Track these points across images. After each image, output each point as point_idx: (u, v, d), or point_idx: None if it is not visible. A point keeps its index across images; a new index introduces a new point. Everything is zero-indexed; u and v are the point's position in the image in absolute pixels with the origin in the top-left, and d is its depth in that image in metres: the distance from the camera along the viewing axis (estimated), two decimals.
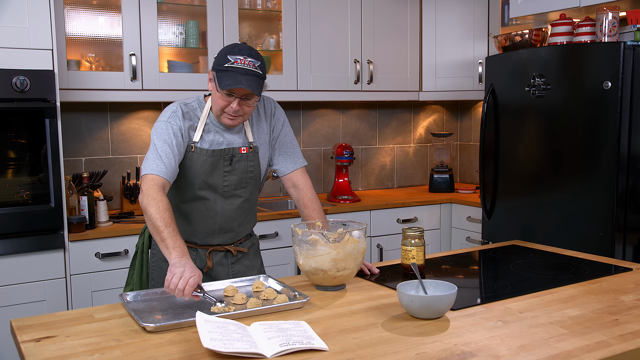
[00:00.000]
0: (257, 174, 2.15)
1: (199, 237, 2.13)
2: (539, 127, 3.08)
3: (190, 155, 2.03)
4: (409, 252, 2.01)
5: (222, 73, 1.94)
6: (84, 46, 3.24)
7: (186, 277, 1.67)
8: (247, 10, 3.57)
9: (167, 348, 1.39)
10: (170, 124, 2.00)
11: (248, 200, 2.15)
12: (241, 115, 2.00)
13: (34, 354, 1.37)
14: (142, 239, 2.23)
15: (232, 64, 1.93)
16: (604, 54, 2.74)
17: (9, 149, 2.66)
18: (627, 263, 2.19)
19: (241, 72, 1.92)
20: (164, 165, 1.93)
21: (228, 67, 1.93)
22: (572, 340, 1.43)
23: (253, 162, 2.11)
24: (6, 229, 2.64)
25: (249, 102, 1.98)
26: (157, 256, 2.17)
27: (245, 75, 1.92)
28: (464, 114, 4.60)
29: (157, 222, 1.82)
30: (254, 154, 2.11)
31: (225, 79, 1.92)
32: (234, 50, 1.96)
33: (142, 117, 3.54)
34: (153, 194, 1.87)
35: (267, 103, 2.20)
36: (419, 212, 3.80)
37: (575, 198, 2.89)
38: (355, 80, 3.80)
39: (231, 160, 2.06)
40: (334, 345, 1.40)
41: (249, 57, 1.94)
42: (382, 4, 3.88)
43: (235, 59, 1.93)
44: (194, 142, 2.03)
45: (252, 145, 2.11)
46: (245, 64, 1.93)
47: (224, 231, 2.13)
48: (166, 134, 1.99)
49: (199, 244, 2.14)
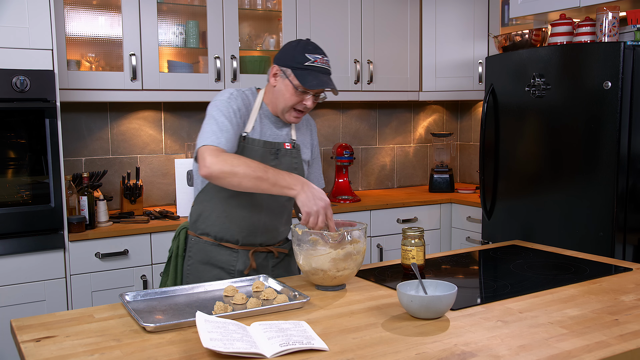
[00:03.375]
0: (301, 173, 2.14)
1: (241, 234, 2.07)
2: (539, 127, 3.08)
3: (241, 147, 2.01)
4: (409, 252, 2.01)
5: (303, 71, 1.95)
6: (84, 46, 3.24)
7: (322, 217, 1.80)
8: (247, 10, 3.57)
9: (167, 348, 1.39)
10: (230, 103, 1.98)
11: (290, 201, 2.14)
12: (306, 111, 2.04)
13: (34, 354, 1.37)
14: (177, 242, 2.16)
15: (312, 62, 1.96)
16: (604, 54, 2.74)
17: (9, 149, 2.66)
18: (627, 263, 2.19)
19: (322, 72, 1.97)
20: (224, 139, 1.90)
21: (309, 65, 1.95)
22: (572, 340, 1.43)
23: (297, 159, 2.12)
24: (6, 229, 2.64)
25: (317, 98, 2.03)
26: (193, 258, 2.11)
27: (327, 75, 1.97)
28: (464, 114, 4.60)
29: (258, 172, 1.80)
30: (297, 151, 2.12)
31: (310, 79, 1.95)
32: (309, 48, 1.99)
33: (142, 117, 3.54)
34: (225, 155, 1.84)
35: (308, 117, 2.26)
36: (419, 212, 3.80)
37: (575, 198, 2.89)
38: (355, 80, 3.80)
39: (277, 154, 2.06)
40: (334, 345, 1.40)
41: (325, 56, 2.00)
42: (382, 4, 3.88)
43: (315, 57, 1.97)
44: (246, 133, 2.02)
45: (295, 143, 2.12)
46: (324, 62, 1.98)
47: (267, 230, 2.11)
48: (227, 110, 1.96)
49: (241, 243, 2.08)
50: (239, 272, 2.09)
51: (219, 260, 2.09)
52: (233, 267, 2.09)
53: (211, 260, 2.09)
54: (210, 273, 2.07)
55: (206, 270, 2.08)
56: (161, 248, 3.01)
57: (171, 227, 3.03)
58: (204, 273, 2.08)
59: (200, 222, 2.12)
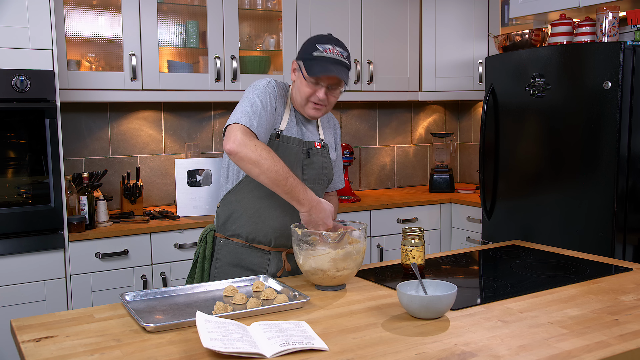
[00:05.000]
0: (330, 173, 2.13)
1: (274, 235, 2.04)
2: (539, 127, 3.08)
3: (275, 144, 1.98)
4: (409, 252, 2.01)
5: (311, 61, 1.94)
6: (84, 46, 3.24)
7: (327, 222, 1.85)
8: (247, 10, 3.57)
9: (167, 348, 1.39)
10: (268, 92, 1.95)
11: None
12: (325, 105, 2.00)
13: (34, 354, 1.37)
14: (204, 245, 2.11)
15: (322, 52, 1.93)
16: (604, 54, 2.74)
17: (9, 149, 2.66)
18: (627, 263, 2.19)
19: (331, 61, 1.93)
20: (256, 122, 1.86)
21: (317, 55, 1.93)
22: (572, 340, 1.42)
23: (326, 159, 2.11)
24: (6, 229, 2.64)
25: (334, 91, 1.99)
26: (222, 261, 2.07)
27: (336, 65, 1.93)
28: (464, 114, 4.60)
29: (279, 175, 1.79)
30: (326, 150, 2.11)
31: (315, 67, 1.92)
32: (322, 40, 1.97)
33: (142, 117, 3.54)
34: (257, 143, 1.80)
35: (330, 113, 2.23)
36: (419, 212, 3.80)
37: (575, 198, 2.89)
38: (355, 80, 3.80)
39: (308, 153, 2.04)
40: (334, 345, 1.40)
41: (337, 46, 1.96)
42: (382, 4, 3.88)
43: (325, 47, 1.94)
44: (280, 129, 2.00)
45: (324, 143, 2.11)
46: (335, 53, 1.94)
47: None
48: (264, 96, 1.93)
49: (273, 244, 2.05)
50: (271, 274, 2.06)
51: (250, 263, 2.05)
52: (265, 269, 2.06)
53: (242, 262, 2.05)
54: (240, 276, 2.03)
55: (236, 272, 2.04)
56: (161, 248, 3.01)
57: (171, 227, 3.03)
58: (233, 275, 2.03)
59: (231, 224, 2.07)
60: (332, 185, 2.26)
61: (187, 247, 3.06)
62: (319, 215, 1.86)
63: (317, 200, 1.87)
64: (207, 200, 3.26)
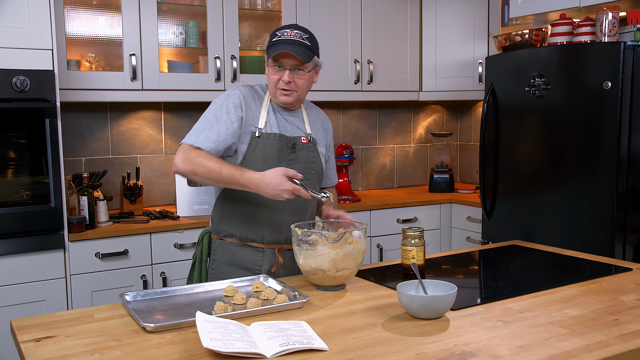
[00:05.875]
0: (320, 168, 2.15)
1: (266, 232, 2.07)
2: (539, 127, 3.08)
3: (255, 142, 2.02)
4: (409, 252, 2.01)
5: (270, 48, 2.00)
6: (84, 46, 3.24)
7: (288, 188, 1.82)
8: (247, 10, 3.57)
9: (167, 348, 1.39)
10: (225, 102, 2.03)
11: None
12: (295, 90, 2.04)
13: (34, 354, 1.37)
14: (201, 247, 2.16)
15: (280, 37, 2.00)
16: (604, 54, 2.74)
17: (9, 149, 2.66)
18: (627, 263, 2.19)
19: (287, 42, 1.98)
20: (202, 137, 1.95)
21: (275, 40, 2.00)
22: (572, 340, 1.43)
23: (314, 152, 2.13)
24: (6, 229, 2.64)
25: (299, 73, 2.02)
26: (218, 261, 2.11)
27: (292, 45, 1.97)
28: (464, 114, 4.60)
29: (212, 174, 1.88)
30: (314, 145, 2.14)
31: (271, 50, 1.99)
32: (282, 27, 2.04)
33: (142, 117, 3.54)
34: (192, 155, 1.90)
35: (321, 112, 2.28)
36: (419, 212, 3.80)
37: (575, 198, 2.89)
38: (355, 80, 3.80)
39: (294, 147, 2.08)
40: (334, 345, 1.40)
41: (295, 29, 2.01)
42: (382, 4, 3.88)
43: (282, 32, 2.01)
44: (259, 128, 2.04)
45: (311, 138, 2.14)
46: (292, 35, 2.00)
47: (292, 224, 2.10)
48: (219, 109, 2.01)
49: (267, 240, 2.08)
50: (266, 271, 2.08)
51: (244, 261, 2.08)
52: (259, 267, 2.08)
53: (236, 261, 2.08)
54: (236, 275, 2.05)
55: (231, 272, 2.06)
56: (161, 248, 3.01)
57: (171, 227, 3.03)
58: (229, 275, 2.06)
59: (224, 224, 2.10)
60: (329, 181, 2.30)
61: (187, 247, 3.06)
62: (272, 187, 1.85)
63: (259, 176, 1.87)
64: (206, 201, 3.26)
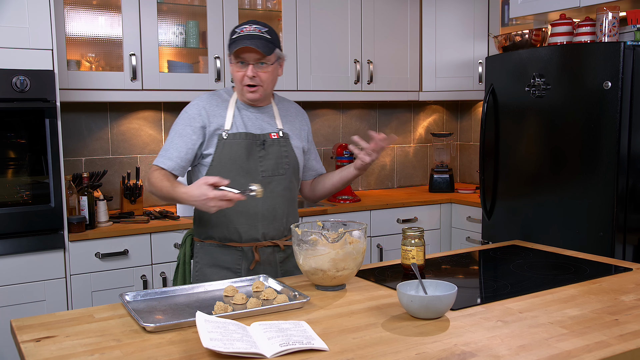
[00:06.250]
0: (294, 161, 2.16)
1: (242, 230, 2.08)
2: (539, 127, 3.08)
3: (222, 144, 2.05)
4: (409, 252, 2.01)
5: (231, 44, 2.03)
6: (84, 46, 3.24)
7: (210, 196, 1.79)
8: (247, 10, 3.57)
9: (167, 348, 1.39)
10: (186, 115, 2.10)
11: (289, 190, 2.15)
12: (260, 85, 2.05)
13: (34, 354, 1.37)
14: (184, 249, 2.20)
15: (239, 33, 2.02)
16: (604, 54, 2.74)
17: (9, 149, 2.66)
18: (627, 263, 2.19)
19: (246, 37, 2.00)
20: (166, 158, 2.05)
21: (235, 37, 2.02)
22: (572, 340, 1.42)
23: (286, 147, 2.14)
24: (6, 229, 2.64)
25: (263, 67, 2.04)
26: (200, 263, 2.15)
27: (251, 39, 1.99)
28: (464, 114, 4.60)
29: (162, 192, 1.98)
30: (285, 140, 2.14)
31: (232, 47, 2.01)
32: (241, 24, 2.06)
33: (142, 117, 3.54)
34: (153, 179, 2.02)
35: (294, 105, 2.29)
36: (419, 212, 3.80)
37: (575, 198, 2.89)
38: (355, 80, 3.80)
39: (263, 144, 2.09)
40: (334, 345, 1.40)
41: (254, 24, 2.03)
42: (382, 4, 3.88)
43: (241, 28, 2.03)
44: (226, 130, 2.06)
45: (283, 132, 2.14)
46: (251, 30, 2.02)
47: (267, 220, 2.10)
48: (180, 124, 2.09)
49: (244, 238, 2.09)
50: (246, 270, 2.09)
51: (224, 261, 2.10)
52: (239, 266, 2.10)
53: (217, 262, 2.11)
54: (217, 275, 2.08)
55: (213, 273, 2.09)
56: (161, 248, 3.01)
57: (171, 227, 3.03)
58: (211, 276, 2.09)
59: (203, 226, 2.14)
60: (314, 172, 2.34)
61: None
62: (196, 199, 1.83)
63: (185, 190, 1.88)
64: None
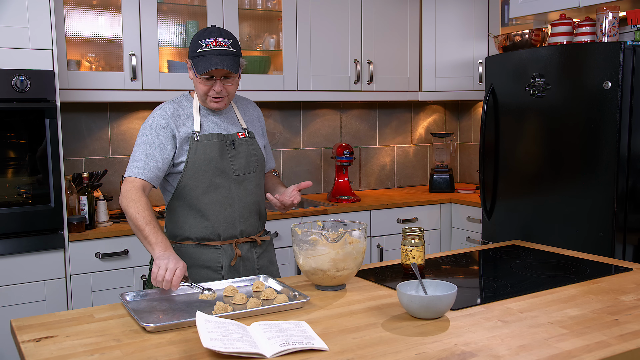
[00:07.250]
0: (261, 159, 2.19)
1: (221, 229, 2.09)
2: (539, 127, 3.08)
3: (195, 145, 2.05)
4: (409, 252, 2.01)
5: (197, 59, 2.00)
6: (84, 46, 3.24)
7: (172, 269, 1.73)
8: (247, 10, 3.57)
9: (167, 348, 1.39)
10: (154, 124, 2.06)
11: (259, 187, 2.18)
12: (226, 95, 2.06)
13: (34, 354, 1.37)
14: None
15: (205, 48, 1.99)
16: (604, 54, 2.74)
17: (9, 149, 2.66)
18: (627, 263, 2.19)
19: (214, 54, 1.98)
20: (142, 167, 2.00)
21: (201, 52, 1.99)
22: (572, 340, 1.43)
23: (253, 146, 2.16)
24: (6, 229, 2.64)
25: (229, 81, 2.04)
26: None
27: (219, 56, 1.98)
28: (464, 114, 4.60)
29: (138, 221, 1.87)
30: (252, 138, 2.17)
31: (201, 64, 1.98)
32: (204, 34, 2.02)
33: (142, 117, 3.54)
34: (131, 195, 1.93)
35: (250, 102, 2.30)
36: (419, 212, 3.80)
37: (575, 198, 2.89)
38: (355, 80, 3.80)
39: (233, 143, 2.10)
40: (334, 345, 1.40)
41: (219, 37, 2.00)
42: (382, 4, 3.88)
43: (207, 42, 1.99)
44: (196, 132, 2.06)
45: (248, 131, 2.17)
46: (217, 45, 1.99)
47: (244, 218, 2.12)
48: (149, 134, 2.05)
49: (222, 237, 2.10)
50: (226, 267, 2.10)
51: (204, 260, 2.10)
52: (219, 263, 2.10)
53: (196, 262, 2.10)
54: (198, 275, 2.08)
55: (192, 273, 2.08)
56: None
57: None
58: (191, 276, 2.07)
59: (178, 229, 2.12)
60: (269, 167, 2.36)
61: None
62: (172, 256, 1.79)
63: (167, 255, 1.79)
64: None
